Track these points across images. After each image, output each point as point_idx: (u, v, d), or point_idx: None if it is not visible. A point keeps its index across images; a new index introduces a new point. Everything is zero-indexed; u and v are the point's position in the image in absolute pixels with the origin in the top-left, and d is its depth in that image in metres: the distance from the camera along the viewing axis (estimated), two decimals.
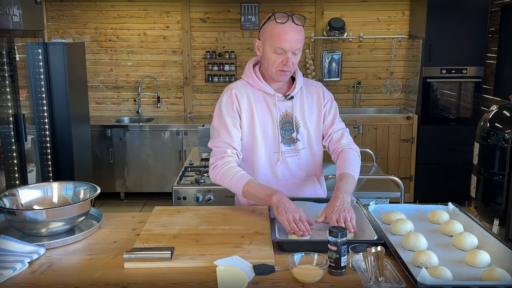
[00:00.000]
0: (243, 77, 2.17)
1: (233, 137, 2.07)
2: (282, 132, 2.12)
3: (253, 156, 2.13)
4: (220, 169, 2.02)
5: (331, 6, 5.63)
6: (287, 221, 1.76)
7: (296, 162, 2.16)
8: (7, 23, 3.53)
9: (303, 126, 2.15)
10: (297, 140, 2.14)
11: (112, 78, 5.83)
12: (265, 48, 2.04)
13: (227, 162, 2.03)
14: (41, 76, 4.03)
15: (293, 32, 1.98)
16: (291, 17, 2.00)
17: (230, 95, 2.10)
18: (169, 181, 5.32)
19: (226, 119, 2.07)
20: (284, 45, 1.97)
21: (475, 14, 4.98)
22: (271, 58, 2.02)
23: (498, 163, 3.20)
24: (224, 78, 5.71)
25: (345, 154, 2.11)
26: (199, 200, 2.90)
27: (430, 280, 1.35)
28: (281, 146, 2.13)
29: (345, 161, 2.08)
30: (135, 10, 5.67)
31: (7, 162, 3.68)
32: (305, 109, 2.16)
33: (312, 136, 2.17)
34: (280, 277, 1.49)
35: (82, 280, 1.48)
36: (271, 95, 2.11)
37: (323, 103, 2.18)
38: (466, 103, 5.25)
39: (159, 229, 1.84)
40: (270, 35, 2.00)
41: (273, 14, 2.03)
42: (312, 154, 2.19)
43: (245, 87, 2.12)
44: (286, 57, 2.00)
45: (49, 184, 2.00)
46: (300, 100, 2.15)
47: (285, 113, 2.12)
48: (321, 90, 2.21)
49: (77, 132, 4.35)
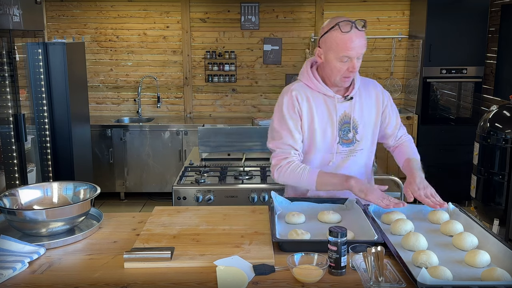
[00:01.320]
0: (301, 79, 2.15)
1: (296, 139, 2.08)
2: (341, 133, 2.12)
3: (309, 156, 2.14)
4: (286, 169, 2.05)
5: (331, 6, 5.63)
6: (380, 199, 1.89)
7: (351, 163, 2.16)
8: (7, 23, 3.53)
9: (362, 126, 2.14)
10: (355, 140, 2.14)
11: (112, 78, 5.83)
12: (328, 57, 2.02)
13: (291, 162, 2.06)
14: (41, 76, 4.03)
15: (357, 39, 1.96)
16: (354, 24, 1.97)
17: (291, 97, 2.09)
18: (169, 181, 5.32)
19: (288, 121, 2.08)
20: (350, 53, 1.97)
21: (475, 14, 4.98)
22: (336, 66, 2.01)
23: (498, 163, 3.20)
24: (224, 78, 5.71)
25: (405, 143, 2.26)
26: (199, 200, 2.90)
27: (430, 280, 1.35)
28: (338, 147, 2.12)
29: (407, 148, 2.23)
30: (135, 10, 5.67)
31: (7, 162, 3.68)
32: (364, 109, 2.15)
33: (370, 136, 2.18)
34: (280, 277, 1.49)
35: (82, 280, 1.48)
36: (330, 97, 2.10)
37: (381, 103, 2.19)
38: (466, 103, 5.25)
39: (159, 229, 1.84)
40: (336, 44, 1.98)
41: (337, 24, 1.98)
42: (367, 154, 2.20)
43: (304, 89, 2.12)
44: (352, 64, 2.00)
45: (49, 184, 2.00)
46: (359, 100, 2.14)
47: (344, 113, 2.12)
48: (379, 90, 2.22)
49: (77, 132, 4.34)
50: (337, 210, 2.00)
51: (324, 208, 2.01)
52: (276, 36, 5.70)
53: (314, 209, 2.02)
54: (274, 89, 5.84)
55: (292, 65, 5.77)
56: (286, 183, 2.13)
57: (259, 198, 2.92)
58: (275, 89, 5.83)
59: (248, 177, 3.06)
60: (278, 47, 5.71)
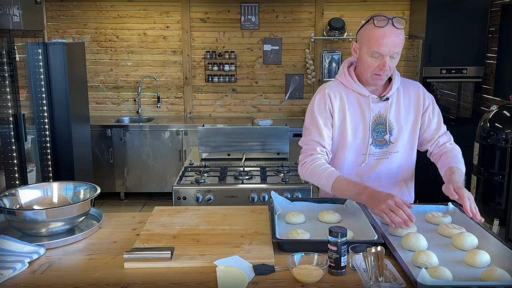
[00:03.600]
0: (337, 78, 2.14)
1: (324, 136, 2.06)
2: (374, 134, 2.08)
3: (340, 155, 2.12)
4: (309, 166, 2.02)
5: (331, 6, 5.63)
6: (383, 213, 1.70)
7: (385, 165, 2.12)
8: (7, 23, 3.53)
9: (397, 128, 2.09)
10: (389, 142, 2.10)
11: (112, 78, 5.83)
12: (361, 51, 1.99)
13: (316, 159, 2.02)
14: (41, 76, 4.03)
15: (392, 35, 1.90)
16: (391, 20, 1.91)
17: (323, 95, 2.08)
18: (169, 181, 5.32)
19: (317, 118, 2.06)
20: (382, 49, 1.91)
21: (475, 14, 4.97)
22: (367, 61, 1.97)
23: (498, 163, 3.20)
24: (224, 78, 5.71)
25: (450, 152, 2.10)
26: (199, 200, 2.90)
27: (430, 280, 1.35)
28: (371, 148, 2.09)
29: (451, 157, 2.07)
30: (135, 10, 5.67)
31: (7, 162, 3.68)
32: (401, 111, 2.10)
33: (407, 139, 2.12)
34: (280, 277, 1.49)
35: (82, 280, 1.48)
36: (365, 96, 2.07)
37: (421, 106, 2.12)
38: (466, 103, 5.25)
39: (159, 229, 1.84)
40: (368, 38, 1.94)
41: (372, 17, 1.95)
42: (404, 157, 2.14)
43: (339, 87, 2.10)
44: (383, 61, 1.94)
45: (49, 184, 2.00)
46: (396, 101, 2.09)
47: (379, 114, 2.08)
48: (421, 92, 2.15)
49: (77, 132, 4.34)
50: (337, 210, 2.00)
51: (324, 208, 2.01)
52: (276, 36, 5.70)
53: (314, 209, 2.02)
54: (274, 89, 5.84)
55: (292, 65, 5.77)
56: (308, 180, 2.09)
57: (259, 198, 2.92)
58: (275, 89, 5.84)
59: (248, 177, 3.06)
60: (278, 47, 5.71)
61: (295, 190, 2.90)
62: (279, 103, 5.88)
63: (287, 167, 3.24)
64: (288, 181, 2.97)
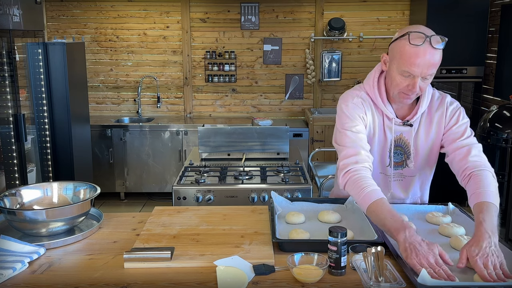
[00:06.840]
0: (366, 89, 1.99)
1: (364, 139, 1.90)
2: (391, 155, 1.99)
3: None
4: (352, 176, 1.79)
5: (331, 6, 5.63)
6: (419, 266, 1.43)
7: (400, 186, 2.06)
8: (7, 23, 3.53)
9: (416, 153, 1.99)
10: (406, 165, 2.01)
11: (112, 78, 5.83)
12: (391, 66, 1.84)
13: (360, 170, 1.80)
14: (41, 76, 4.03)
15: (427, 55, 1.72)
16: (429, 38, 1.73)
17: (357, 103, 1.95)
18: (169, 181, 5.32)
19: (356, 122, 1.91)
20: (413, 69, 1.75)
21: (475, 14, 4.97)
22: (395, 79, 1.82)
23: (498, 163, 3.20)
24: (224, 78, 5.71)
25: (477, 177, 1.77)
26: (199, 200, 2.90)
27: (430, 280, 1.35)
28: (387, 170, 2.01)
29: (479, 186, 1.73)
30: (135, 10, 5.67)
31: (7, 162, 3.68)
32: (422, 134, 1.98)
33: (425, 162, 2.02)
34: (280, 277, 1.49)
35: (82, 280, 1.48)
36: (389, 118, 1.95)
37: (443, 123, 1.96)
38: (466, 103, 5.25)
39: (159, 229, 1.84)
40: (400, 55, 1.77)
41: (408, 33, 1.76)
42: (421, 179, 2.07)
43: (369, 101, 1.96)
44: (413, 82, 1.77)
45: (49, 184, 2.00)
46: (419, 127, 1.98)
47: (399, 136, 1.98)
48: (446, 107, 1.97)
49: (77, 132, 4.35)
50: (337, 210, 2.00)
51: (324, 208, 2.01)
52: (276, 36, 5.70)
53: (314, 209, 2.02)
54: (274, 89, 5.84)
55: (292, 65, 5.77)
56: (348, 191, 1.84)
57: (259, 198, 2.92)
58: (275, 89, 5.84)
59: (248, 177, 3.06)
60: (278, 47, 5.71)
61: (295, 190, 2.91)
62: (279, 103, 5.88)
63: (287, 167, 3.24)
64: (288, 181, 2.97)
